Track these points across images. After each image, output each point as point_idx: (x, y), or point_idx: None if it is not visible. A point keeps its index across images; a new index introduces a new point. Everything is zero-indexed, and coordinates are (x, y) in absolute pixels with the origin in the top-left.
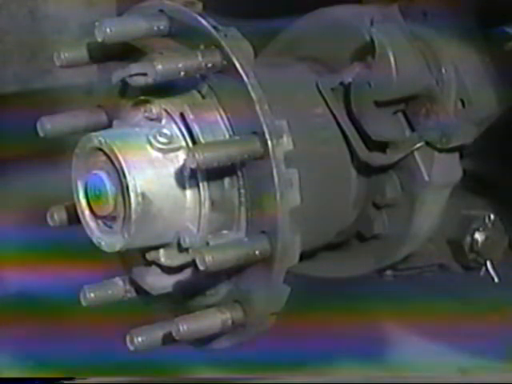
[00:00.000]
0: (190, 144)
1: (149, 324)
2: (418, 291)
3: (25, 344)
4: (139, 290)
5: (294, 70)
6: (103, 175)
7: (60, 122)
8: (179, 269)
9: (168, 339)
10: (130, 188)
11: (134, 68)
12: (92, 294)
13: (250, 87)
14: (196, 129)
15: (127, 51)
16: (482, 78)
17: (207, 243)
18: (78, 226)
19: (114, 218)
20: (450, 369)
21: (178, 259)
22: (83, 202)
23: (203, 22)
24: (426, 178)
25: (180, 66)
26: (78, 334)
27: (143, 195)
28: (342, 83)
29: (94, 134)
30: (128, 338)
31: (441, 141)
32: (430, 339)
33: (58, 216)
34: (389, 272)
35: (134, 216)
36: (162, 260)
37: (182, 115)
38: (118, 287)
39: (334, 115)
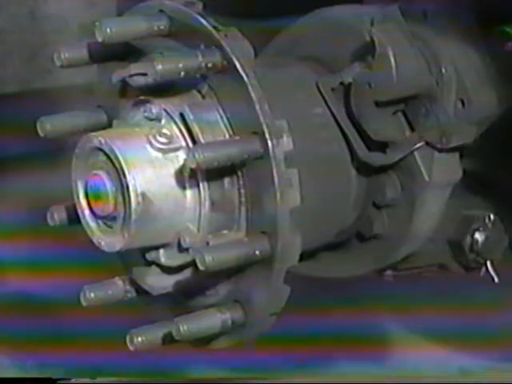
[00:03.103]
0: (190, 144)
1: (149, 324)
2: (418, 291)
3: (25, 344)
4: (139, 289)
5: (294, 70)
6: (103, 175)
7: (60, 122)
8: (179, 269)
9: (168, 339)
10: (130, 188)
11: (134, 68)
12: (92, 294)
13: (249, 87)
14: (196, 129)
15: (127, 51)
16: (482, 78)
17: (207, 243)
18: (77, 226)
19: (113, 218)
20: (451, 369)
21: (178, 259)
22: (83, 202)
23: (203, 21)
24: (426, 178)
25: (180, 66)
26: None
27: (143, 195)
28: (342, 83)
29: (93, 134)
30: (128, 338)
31: (441, 141)
32: (430, 339)
33: (58, 216)
34: (389, 272)
35: (133, 216)
36: (162, 260)
37: (181, 115)
38: (118, 287)
39: (333, 115)
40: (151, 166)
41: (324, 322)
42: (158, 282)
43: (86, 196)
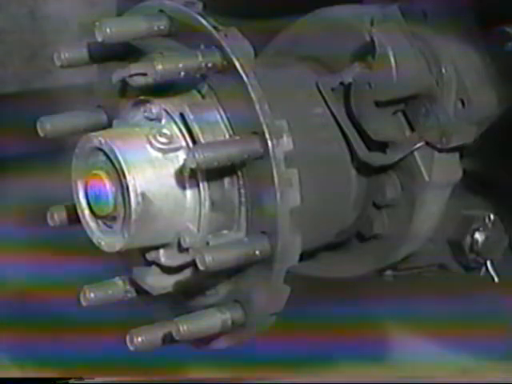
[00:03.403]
0: (190, 144)
1: (149, 324)
2: (418, 291)
3: (25, 344)
4: (139, 289)
5: (294, 70)
6: (103, 175)
7: (60, 122)
8: (179, 269)
9: (168, 339)
10: (130, 188)
11: (134, 68)
12: (92, 294)
13: (249, 87)
14: (196, 129)
15: (127, 51)
16: (482, 78)
17: (207, 243)
18: (77, 226)
19: (114, 218)
20: (451, 369)
21: (178, 259)
22: (83, 202)
23: (203, 21)
24: (426, 178)
25: (180, 66)
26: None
27: (143, 195)
28: (342, 83)
29: (93, 133)
30: (128, 338)
31: (441, 141)
32: (431, 339)
33: (58, 216)
34: (389, 272)
35: (133, 216)
36: (162, 260)
37: (181, 115)
38: (118, 287)
39: (333, 115)
40: (151, 166)
41: (324, 323)
42: (158, 282)
43: (86, 196)
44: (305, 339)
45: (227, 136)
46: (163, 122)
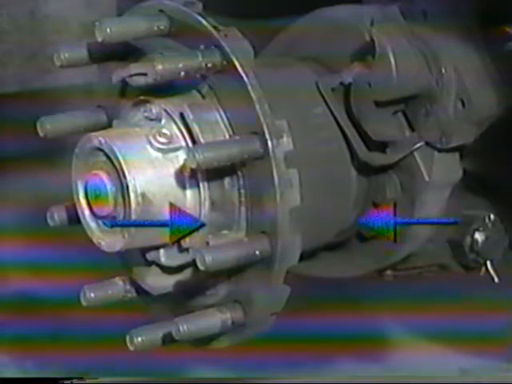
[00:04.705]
0: (190, 144)
1: (149, 324)
2: (418, 291)
3: (25, 344)
4: (139, 290)
5: (294, 70)
6: (103, 175)
7: (60, 122)
8: (179, 269)
9: (168, 339)
10: (130, 188)
11: (134, 68)
12: (92, 294)
13: (249, 87)
14: (196, 129)
15: (127, 51)
16: (482, 78)
17: (207, 243)
18: (77, 226)
19: (113, 218)
20: (450, 369)
21: (178, 259)
22: (83, 202)
23: (203, 21)
24: (426, 178)
25: (180, 66)
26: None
27: (143, 195)
28: (341, 83)
29: (93, 134)
30: (128, 338)
31: (441, 141)
32: (430, 339)
33: (58, 216)
34: (389, 272)
35: (133, 216)
36: (162, 260)
37: (181, 115)
38: (118, 287)
39: (333, 115)
40: (151, 166)
41: (324, 322)
42: (158, 282)
43: (86, 196)
44: (304, 340)
45: (227, 136)
46: (163, 121)
